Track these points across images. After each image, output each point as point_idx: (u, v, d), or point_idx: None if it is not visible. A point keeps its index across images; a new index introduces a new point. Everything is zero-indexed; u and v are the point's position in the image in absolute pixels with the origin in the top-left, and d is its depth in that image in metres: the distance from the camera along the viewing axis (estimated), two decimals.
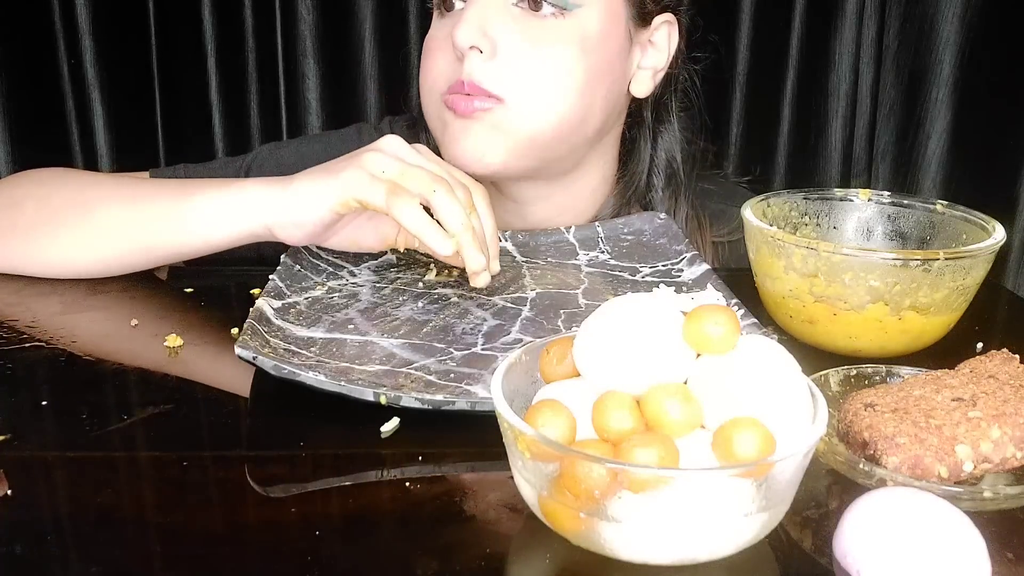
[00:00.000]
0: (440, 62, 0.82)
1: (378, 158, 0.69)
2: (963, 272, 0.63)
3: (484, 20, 0.78)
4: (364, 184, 0.67)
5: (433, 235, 0.66)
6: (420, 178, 0.68)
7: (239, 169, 0.94)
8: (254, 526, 0.46)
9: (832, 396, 0.55)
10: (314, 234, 0.71)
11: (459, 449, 0.52)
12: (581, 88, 0.80)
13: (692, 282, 0.75)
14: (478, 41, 0.77)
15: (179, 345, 0.64)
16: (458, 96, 0.79)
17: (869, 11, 1.24)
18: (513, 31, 0.78)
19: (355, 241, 0.75)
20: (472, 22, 0.77)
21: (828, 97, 1.27)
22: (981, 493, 0.46)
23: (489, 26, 0.78)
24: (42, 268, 0.76)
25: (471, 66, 0.78)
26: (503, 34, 0.78)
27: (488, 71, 0.78)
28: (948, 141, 1.23)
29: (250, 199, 0.71)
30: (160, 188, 0.77)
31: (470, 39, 0.77)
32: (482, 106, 0.78)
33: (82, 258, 0.75)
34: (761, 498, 0.40)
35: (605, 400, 0.42)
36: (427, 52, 0.84)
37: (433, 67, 0.83)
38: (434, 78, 0.83)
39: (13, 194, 0.79)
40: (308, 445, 0.53)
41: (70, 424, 0.54)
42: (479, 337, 0.65)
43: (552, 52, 0.79)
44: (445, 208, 0.67)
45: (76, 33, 1.21)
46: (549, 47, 0.79)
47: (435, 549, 0.44)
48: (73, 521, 0.46)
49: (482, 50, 0.78)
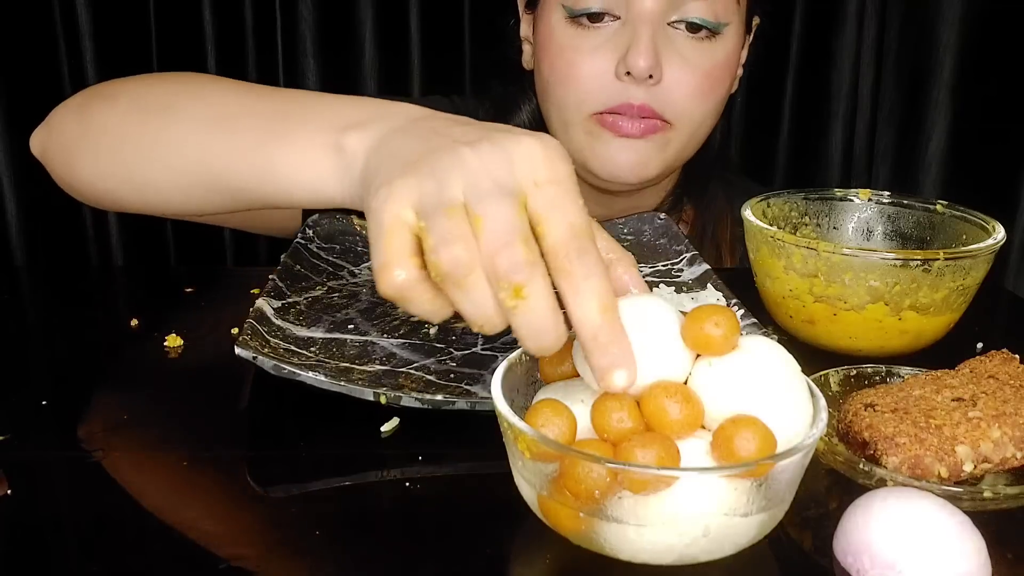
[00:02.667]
0: (593, 79, 0.84)
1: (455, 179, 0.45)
2: (963, 272, 0.63)
3: (656, 47, 0.82)
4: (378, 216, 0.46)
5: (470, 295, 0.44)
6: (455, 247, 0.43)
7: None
8: (254, 526, 0.46)
9: (832, 396, 0.55)
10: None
11: (459, 449, 0.52)
12: (723, 104, 0.89)
13: (692, 282, 0.75)
14: (654, 70, 0.81)
15: (179, 345, 0.64)
16: (623, 118, 0.83)
17: (869, 12, 1.24)
18: (674, 57, 0.83)
19: None
20: (651, 49, 0.81)
21: (828, 98, 1.28)
22: (981, 493, 0.46)
23: (658, 51, 0.82)
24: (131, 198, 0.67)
25: (644, 93, 0.83)
26: (667, 60, 0.83)
27: (657, 96, 0.83)
28: (948, 142, 1.23)
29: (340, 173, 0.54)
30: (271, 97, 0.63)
31: (649, 68, 0.81)
32: (650, 127, 0.84)
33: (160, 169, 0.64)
34: (761, 498, 0.40)
35: (605, 400, 0.42)
36: (573, 66, 0.85)
37: (585, 84, 0.84)
38: (586, 94, 0.85)
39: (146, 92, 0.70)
40: (308, 445, 0.53)
41: (70, 424, 0.55)
42: (479, 337, 0.65)
43: (708, 76, 0.85)
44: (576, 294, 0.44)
45: (76, 33, 1.21)
46: (706, 72, 0.84)
47: (435, 549, 0.44)
48: (73, 521, 0.46)
49: (652, 76, 0.82)
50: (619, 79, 0.82)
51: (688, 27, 0.83)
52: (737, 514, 0.39)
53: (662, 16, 0.82)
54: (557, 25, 0.85)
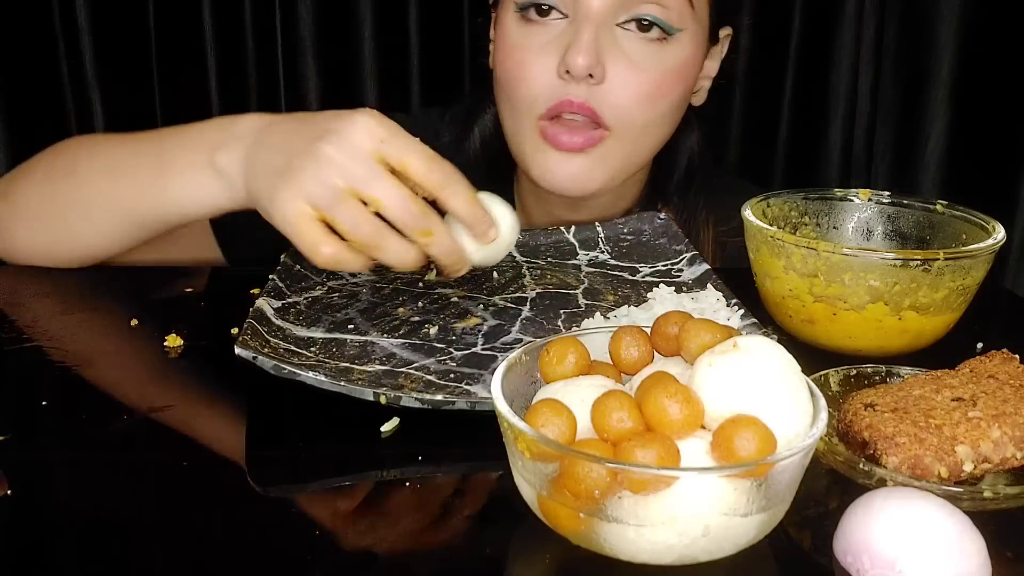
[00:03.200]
0: (537, 78, 0.81)
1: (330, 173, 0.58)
2: (963, 272, 0.63)
3: (599, 45, 0.79)
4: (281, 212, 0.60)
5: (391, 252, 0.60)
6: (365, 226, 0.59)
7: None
8: (254, 526, 0.46)
9: (832, 396, 0.55)
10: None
11: (459, 449, 0.52)
12: (675, 112, 0.86)
13: (692, 282, 0.75)
14: (594, 69, 0.78)
15: (179, 345, 0.64)
16: (563, 132, 0.81)
17: (868, 12, 1.24)
18: (620, 58, 0.80)
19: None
20: (592, 48, 0.78)
21: (828, 97, 1.28)
22: (981, 493, 0.46)
23: (601, 51, 0.79)
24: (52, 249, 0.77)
25: (585, 92, 0.79)
26: (612, 60, 0.80)
27: (598, 97, 0.80)
28: (947, 141, 1.23)
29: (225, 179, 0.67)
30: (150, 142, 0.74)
31: (589, 67, 0.78)
32: (589, 139, 0.81)
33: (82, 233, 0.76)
34: (761, 498, 0.40)
35: (605, 400, 0.42)
36: (519, 65, 0.83)
37: (530, 83, 0.82)
38: (530, 93, 0.82)
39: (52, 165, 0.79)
40: (308, 445, 0.53)
41: (70, 424, 0.55)
42: (479, 337, 0.65)
43: (657, 80, 0.81)
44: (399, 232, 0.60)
45: (76, 33, 1.21)
46: (653, 77, 0.81)
47: (435, 549, 0.44)
48: (73, 521, 0.46)
49: (593, 76, 0.79)
50: (560, 78, 0.80)
51: (639, 26, 0.80)
52: (737, 514, 0.39)
53: (611, 16, 0.79)
54: (510, 23, 0.84)
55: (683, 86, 0.84)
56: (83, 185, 0.75)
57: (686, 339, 0.46)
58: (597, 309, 0.70)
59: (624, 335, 0.48)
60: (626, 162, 0.86)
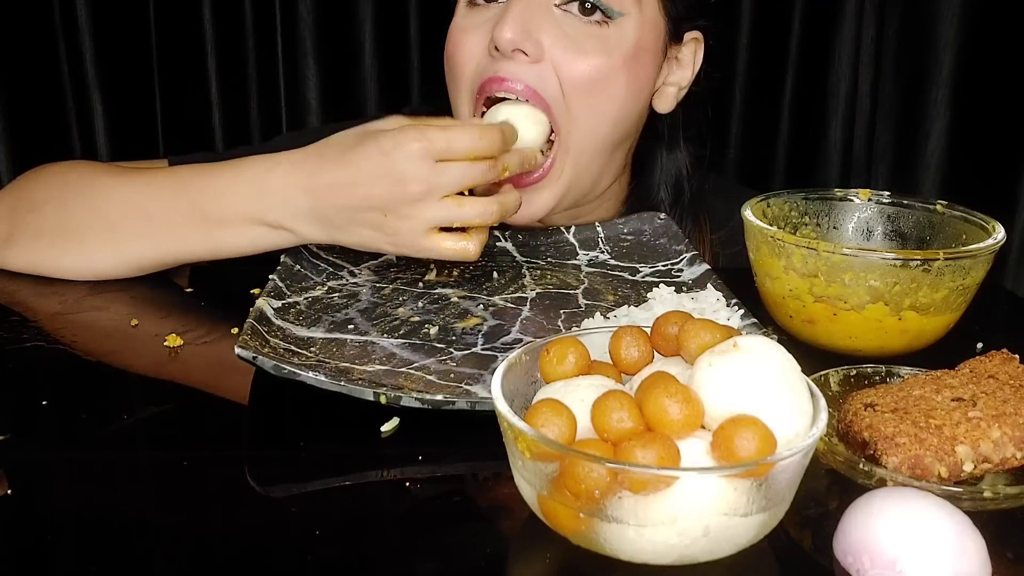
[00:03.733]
0: (471, 57, 0.79)
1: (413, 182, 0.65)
2: (963, 272, 0.63)
3: (528, 21, 0.75)
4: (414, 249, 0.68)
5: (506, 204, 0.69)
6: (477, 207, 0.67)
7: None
8: (254, 526, 0.46)
9: (832, 396, 0.55)
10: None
11: (459, 449, 0.52)
12: (627, 109, 0.81)
13: (692, 282, 0.75)
14: (522, 44, 0.75)
15: (179, 345, 0.64)
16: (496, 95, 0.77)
17: (868, 11, 1.24)
18: (560, 37, 0.76)
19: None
20: (517, 22, 0.75)
21: (828, 97, 1.27)
22: (981, 493, 0.46)
23: (533, 28, 0.76)
24: (70, 273, 0.76)
25: (516, 69, 0.76)
26: (548, 38, 0.76)
27: (538, 76, 0.76)
28: (948, 141, 1.23)
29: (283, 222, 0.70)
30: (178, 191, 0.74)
31: (514, 41, 0.75)
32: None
33: (111, 266, 0.75)
34: (761, 498, 0.40)
35: (605, 400, 0.42)
36: (455, 44, 0.81)
37: (464, 62, 0.80)
38: (466, 74, 0.80)
39: (33, 197, 0.78)
40: (308, 445, 0.53)
41: (70, 424, 0.55)
42: (479, 337, 0.65)
43: (598, 63, 0.77)
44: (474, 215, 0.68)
45: (76, 33, 1.21)
46: (597, 58, 0.77)
47: (435, 549, 0.44)
48: (73, 521, 0.46)
49: (527, 53, 0.75)
50: (490, 55, 0.77)
51: (580, 8, 0.77)
52: (737, 514, 0.39)
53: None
54: (459, 9, 0.82)
55: (631, 76, 0.80)
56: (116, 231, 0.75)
57: (686, 339, 0.46)
58: (597, 309, 0.70)
59: (624, 335, 0.48)
60: (579, 174, 0.81)
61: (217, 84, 1.26)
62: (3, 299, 0.72)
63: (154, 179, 0.76)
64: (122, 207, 0.75)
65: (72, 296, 0.73)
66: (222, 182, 0.72)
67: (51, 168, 0.81)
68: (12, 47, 1.20)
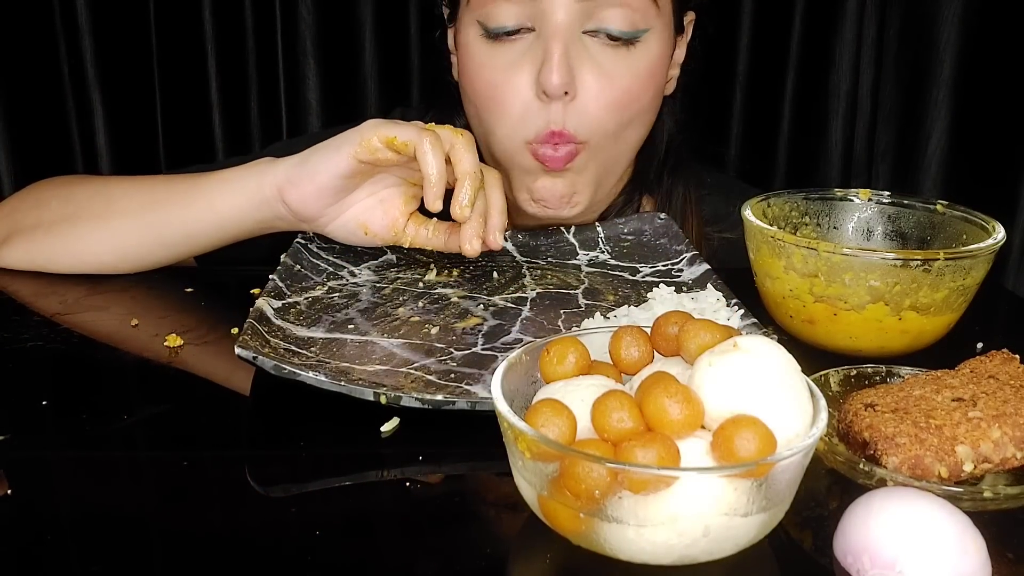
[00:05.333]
0: (516, 105, 0.80)
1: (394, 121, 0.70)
2: (963, 272, 0.63)
3: (569, 61, 0.78)
4: (388, 124, 0.69)
5: (439, 189, 0.66)
6: (442, 129, 0.69)
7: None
8: (254, 526, 0.46)
9: (832, 396, 0.55)
10: (328, 194, 0.72)
11: (459, 449, 0.52)
12: (650, 112, 0.85)
13: (692, 282, 0.75)
14: (569, 86, 0.78)
15: (179, 345, 0.64)
16: (549, 152, 0.80)
17: (869, 11, 1.23)
18: (589, 70, 0.79)
19: (364, 223, 0.75)
20: (563, 64, 0.77)
21: (828, 97, 1.27)
22: (981, 493, 0.46)
23: (576, 66, 0.79)
24: (66, 262, 0.77)
25: (560, 116, 0.79)
26: (582, 74, 0.79)
27: (571, 116, 0.79)
28: (948, 141, 1.23)
29: (261, 165, 0.74)
30: (177, 177, 0.80)
31: (563, 86, 0.77)
32: (570, 155, 0.80)
33: (101, 249, 0.77)
34: (761, 498, 0.40)
35: (605, 400, 0.42)
36: (490, 85, 0.81)
37: (510, 111, 0.81)
38: (515, 120, 0.81)
39: (40, 195, 0.82)
40: (308, 445, 0.53)
41: (70, 424, 0.55)
42: (479, 337, 0.65)
43: (627, 86, 0.80)
44: (463, 154, 0.68)
45: (76, 33, 1.21)
46: (624, 86, 0.80)
47: (435, 549, 0.44)
48: (73, 521, 0.46)
49: (568, 92, 0.78)
50: (539, 100, 0.79)
51: (607, 36, 0.79)
52: (737, 514, 0.39)
53: (577, 26, 0.78)
54: (474, 42, 0.82)
55: (654, 86, 0.84)
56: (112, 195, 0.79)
57: (686, 339, 0.46)
58: (597, 309, 0.70)
59: (624, 335, 0.48)
60: (604, 169, 0.85)
61: (217, 84, 1.26)
62: (3, 299, 0.72)
63: (158, 177, 0.81)
64: (121, 192, 0.79)
65: (72, 296, 0.73)
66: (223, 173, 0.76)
67: (59, 177, 0.85)
68: (12, 47, 1.20)
